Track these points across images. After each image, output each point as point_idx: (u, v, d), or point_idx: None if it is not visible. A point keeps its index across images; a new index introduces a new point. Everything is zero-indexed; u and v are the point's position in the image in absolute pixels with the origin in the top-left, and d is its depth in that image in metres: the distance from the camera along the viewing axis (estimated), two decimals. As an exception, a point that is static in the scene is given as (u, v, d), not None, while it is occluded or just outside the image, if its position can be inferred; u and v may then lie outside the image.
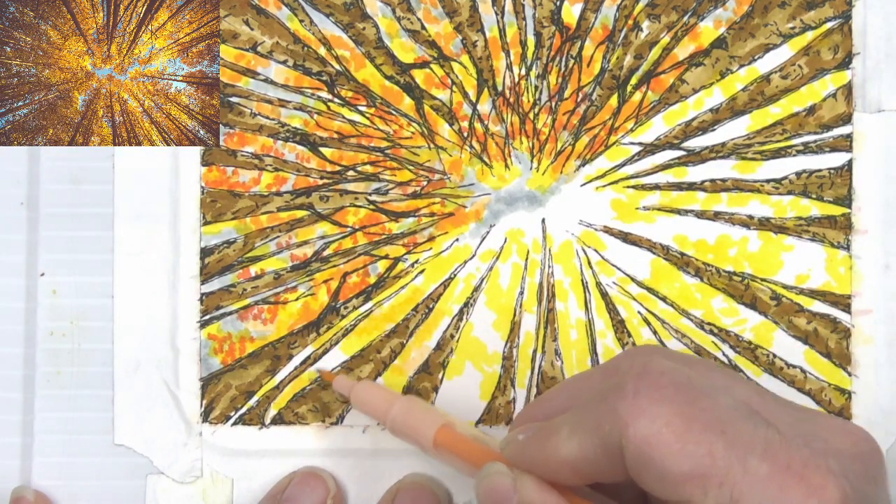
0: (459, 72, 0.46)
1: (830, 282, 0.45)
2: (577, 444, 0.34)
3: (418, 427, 0.40)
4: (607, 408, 0.33)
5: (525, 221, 0.46)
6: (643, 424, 0.32)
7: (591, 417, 0.33)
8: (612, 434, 0.32)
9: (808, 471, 0.31)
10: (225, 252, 0.46)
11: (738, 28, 0.45)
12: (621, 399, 0.32)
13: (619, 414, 0.32)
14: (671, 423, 0.31)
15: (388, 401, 0.42)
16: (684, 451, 0.31)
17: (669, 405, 0.32)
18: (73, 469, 0.45)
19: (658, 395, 0.32)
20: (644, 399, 0.32)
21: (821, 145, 0.45)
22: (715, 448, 0.31)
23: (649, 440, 0.31)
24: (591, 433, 0.33)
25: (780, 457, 0.31)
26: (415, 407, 0.41)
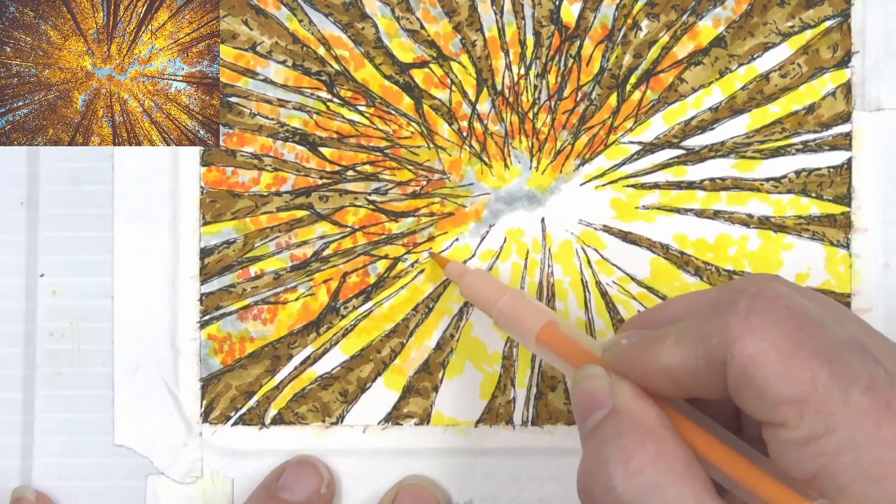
0: (459, 71, 0.46)
1: (830, 280, 0.45)
2: (680, 354, 0.33)
3: (523, 321, 0.40)
4: (717, 321, 0.32)
5: (524, 221, 0.46)
6: (751, 342, 0.31)
7: (699, 329, 0.33)
8: (718, 347, 0.32)
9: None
10: (225, 252, 0.46)
11: (737, 27, 0.46)
12: (733, 315, 0.32)
13: (728, 328, 0.32)
14: (778, 345, 0.31)
15: (497, 292, 0.41)
16: (787, 374, 0.31)
17: (780, 327, 0.32)
18: (73, 469, 0.45)
19: (770, 317, 0.32)
20: (756, 318, 0.32)
21: (820, 144, 0.45)
22: (818, 375, 0.31)
23: (755, 358, 0.31)
24: (697, 344, 0.33)
25: (883, 394, 0.31)
26: (522, 301, 0.41)
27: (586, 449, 0.35)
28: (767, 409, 0.31)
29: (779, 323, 0.32)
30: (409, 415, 0.45)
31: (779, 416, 0.31)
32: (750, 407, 0.32)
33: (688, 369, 0.33)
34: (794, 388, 0.31)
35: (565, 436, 0.45)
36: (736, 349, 0.32)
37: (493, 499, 0.45)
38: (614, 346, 0.36)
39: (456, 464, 0.45)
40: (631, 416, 0.34)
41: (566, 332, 0.39)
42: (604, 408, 0.35)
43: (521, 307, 0.40)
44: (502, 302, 0.41)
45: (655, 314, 0.38)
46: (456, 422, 0.45)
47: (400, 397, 0.45)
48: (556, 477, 0.45)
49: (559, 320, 0.40)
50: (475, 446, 0.45)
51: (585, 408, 0.35)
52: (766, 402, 0.31)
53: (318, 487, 0.44)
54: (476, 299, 0.42)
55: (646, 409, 0.34)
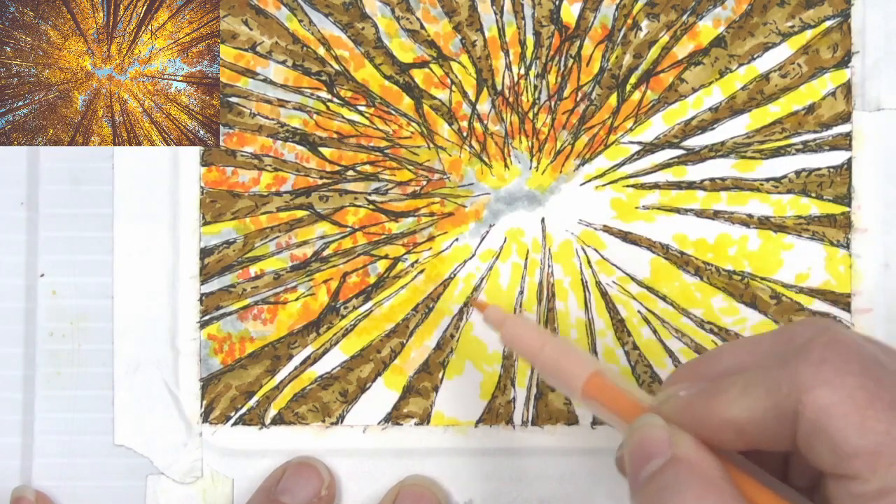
0: (459, 71, 0.46)
1: (830, 280, 0.45)
2: (748, 405, 0.33)
3: (569, 372, 0.38)
4: (788, 371, 0.32)
5: (525, 221, 0.46)
6: (825, 393, 0.31)
7: (768, 379, 0.33)
8: (789, 398, 0.32)
9: None
10: (225, 252, 0.46)
11: (737, 27, 0.46)
12: (805, 364, 0.32)
13: (800, 378, 0.31)
14: (854, 396, 0.31)
15: (541, 340, 0.39)
16: (863, 425, 0.31)
17: (854, 378, 0.31)
18: (73, 469, 0.45)
19: (845, 367, 0.31)
20: (829, 368, 0.31)
21: (820, 144, 0.45)
22: (893, 428, 0.31)
23: (829, 409, 0.31)
24: (766, 395, 0.32)
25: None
26: (567, 350, 0.39)
27: (640, 497, 0.34)
28: (839, 461, 0.31)
29: (853, 373, 0.31)
30: (409, 415, 0.45)
31: (851, 469, 0.31)
32: (820, 459, 0.32)
33: (755, 421, 0.33)
34: (869, 440, 0.31)
35: (565, 436, 0.45)
36: (809, 399, 0.31)
37: (493, 499, 0.45)
38: (672, 398, 0.35)
39: (456, 464, 0.45)
40: (692, 466, 0.33)
41: (614, 383, 0.38)
42: (662, 456, 0.34)
43: (565, 357, 0.39)
44: (546, 351, 0.39)
45: (708, 364, 0.37)
46: (456, 422, 0.45)
47: (400, 397, 0.45)
48: (556, 477, 0.45)
49: (605, 369, 0.38)
50: (475, 446, 0.45)
51: (642, 456, 0.34)
52: (839, 454, 0.31)
53: (318, 490, 0.44)
54: (518, 347, 0.41)
55: (707, 460, 0.34)
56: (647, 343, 0.45)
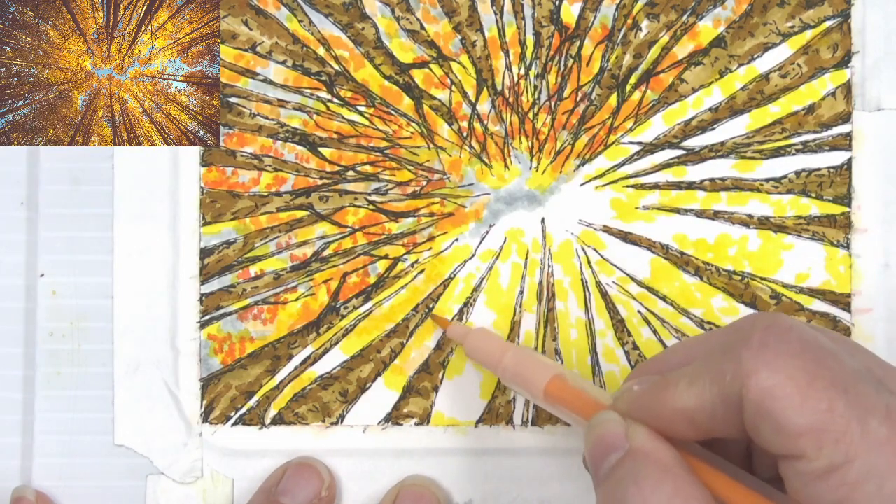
0: (459, 71, 0.46)
1: (830, 280, 0.45)
2: (695, 394, 0.33)
3: (530, 377, 0.40)
4: (731, 358, 0.33)
5: (525, 221, 0.46)
6: (766, 375, 0.32)
7: (712, 367, 0.33)
8: (733, 384, 0.32)
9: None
10: (225, 252, 0.46)
11: (737, 27, 0.46)
12: (746, 349, 0.32)
13: (742, 364, 0.32)
14: (794, 377, 0.31)
15: (501, 350, 0.42)
16: (805, 405, 0.31)
17: (795, 359, 0.32)
18: (73, 469, 0.45)
19: (784, 349, 0.32)
20: (770, 351, 0.32)
21: (820, 144, 0.45)
22: (836, 405, 0.31)
23: (771, 391, 0.31)
24: (711, 383, 0.33)
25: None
26: (527, 357, 0.41)
27: (601, 492, 0.35)
28: (785, 441, 0.31)
29: (793, 355, 0.32)
30: (409, 415, 0.45)
31: (797, 448, 0.31)
32: (767, 441, 0.32)
33: (704, 409, 0.33)
34: (812, 418, 0.31)
35: (565, 436, 0.45)
36: (751, 383, 0.32)
37: (493, 499, 0.45)
38: (626, 393, 0.36)
39: (456, 464, 0.45)
40: (647, 456, 0.34)
41: (574, 385, 0.39)
42: (620, 450, 0.35)
43: (526, 363, 0.41)
44: (507, 359, 0.41)
45: (663, 360, 0.38)
46: (456, 422, 0.45)
47: (400, 397, 0.45)
48: (556, 477, 0.45)
49: (566, 373, 0.40)
50: (475, 446, 0.45)
51: (600, 452, 0.35)
52: (784, 434, 0.31)
53: (318, 491, 0.44)
54: (480, 359, 0.43)
55: (662, 450, 0.34)
56: (647, 343, 0.45)
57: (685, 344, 0.38)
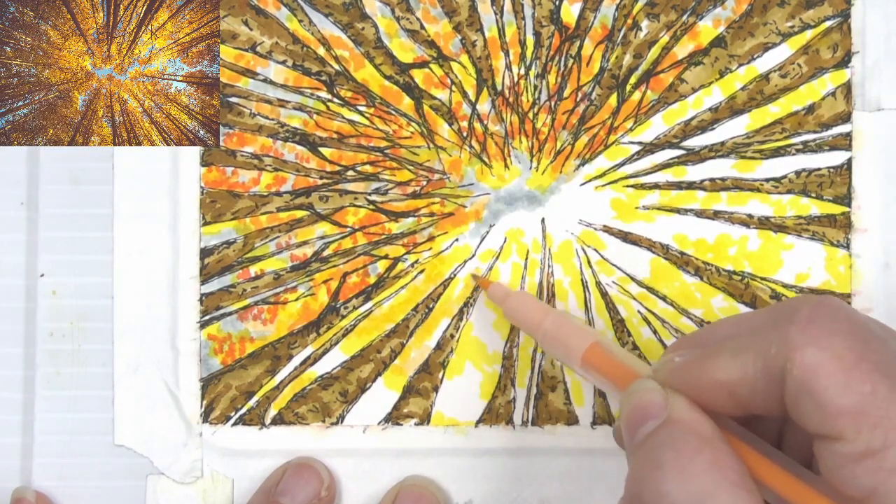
0: (459, 71, 0.46)
1: (830, 280, 0.45)
2: (738, 366, 0.33)
3: (569, 342, 0.40)
4: (777, 332, 0.32)
5: (525, 221, 0.46)
6: (812, 352, 0.31)
7: (757, 340, 0.33)
8: (777, 358, 0.32)
9: None
10: (225, 252, 0.46)
11: (737, 27, 0.46)
12: (794, 325, 0.32)
13: (789, 337, 0.32)
14: (840, 356, 0.31)
15: (542, 313, 0.42)
16: (848, 385, 0.31)
17: (842, 338, 0.31)
18: (73, 470, 0.45)
19: (833, 327, 0.32)
20: (817, 327, 0.32)
21: (820, 144, 0.45)
22: (878, 389, 0.31)
23: (816, 368, 0.31)
24: (755, 356, 0.33)
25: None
26: (567, 322, 0.41)
27: (637, 457, 0.34)
28: (824, 420, 0.31)
29: (841, 334, 0.32)
30: (409, 415, 0.45)
31: (836, 429, 0.31)
32: (806, 419, 0.32)
33: (746, 382, 0.33)
34: (854, 399, 0.31)
35: (565, 436, 0.45)
36: (796, 358, 0.31)
37: (493, 499, 0.45)
38: (667, 364, 0.36)
39: (456, 464, 0.45)
40: (686, 425, 0.34)
41: (613, 353, 0.39)
42: (657, 418, 0.34)
43: (565, 329, 0.41)
44: (547, 323, 0.41)
45: (705, 334, 0.37)
46: (456, 422, 0.45)
47: (400, 397, 0.45)
48: (556, 477, 0.45)
49: (604, 341, 0.40)
50: (475, 446, 0.45)
51: (637, 418, 0.35)
52: (824, 413, 0.31)
53: (318, 491, 0.44)
54: (520, 321, 0.43)
55: (701, 421, 0.34)
56: (647, 343, 0.45)
57: (728, 320, 0.37)
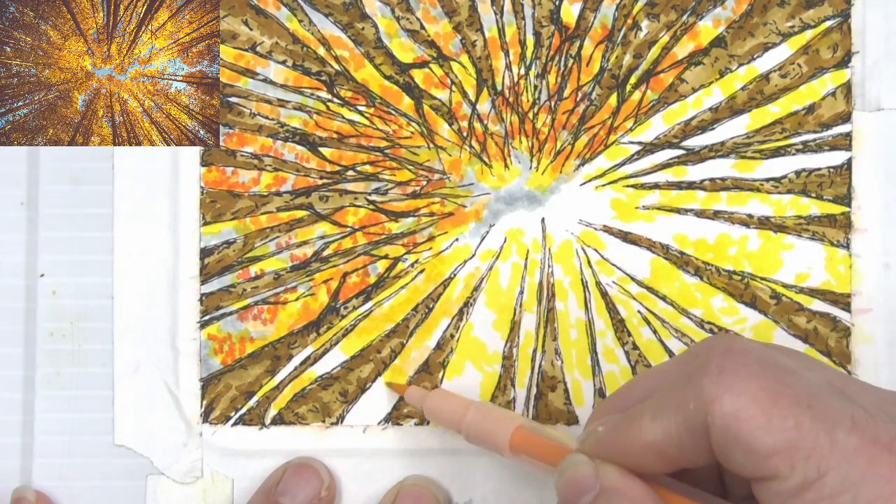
0: (459, 71, 0.46)
1: (830, 280, 0.45)
2: (661, 427, 0.33)
3: (493, 433, 0.40)
4: (692, 386, 0.32)
5: (525, 221, 0.46)
6: (729, 400, 0.32)
7: (674, 398, 0.33)
8: (697, 412, 0.32)
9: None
10: (225, 252, 0.46)
11: (737, 27, 0.46)
12: (705, 376, 0.32)
13: (704, 391, 0.32)
14: (757, 398, 0.31)
15: (463, 408, 0.42)
16: (771, 424, 0.31)
17: (755, 380, 0.32)
18: (73, 470, 0.45)
19: (744, 371, 0.32)
20: (730, 375, 0.32)
21: (820, 144, 0.45)
22: (802, 422, 0.31)
23: (736, 415, 0.31)
24: (675, 413, 0.33)
25: (868, 431, 0.31)
26: (487, 412, 0.41)
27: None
28: (756, 463, 0.31)
29: (753, 376, 0.32)
30: (409, 415, 0.45)
31: (769, 469, 0.31)
32: (738, 465, 0.32)
33: (670, 440, 0.33)
34: (781, 436, 0.31)
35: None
36: (715, 409, 0.32)
37: (493, 499, 0.45)
38: (592, 435, 0.36)
39: (456, 464, 0.45)
40: (621, 493, 0.34)
41: (538, 433, 0.40)
42: (591, 490, 0.35)
43: (488, 419, 0.41)
44: (468, 418, 0.41)
45: (622, 397, 0.38)
46: (456, 422, 0.45)
47: (400, 397, 0.45)
48: (556, 477, 0.45)
49: (527, 423, 0.40)
50: (475, 446, 0.45)
51: (572, 494, 0.35)
52: (754, 456, 0.31)
53: (318, 491, 0.44)
54: (442, 419, 0.43)
55: (634, 486, 0.35)
56: (647, 343, 0.45)
57: (643, 377, 0.38)
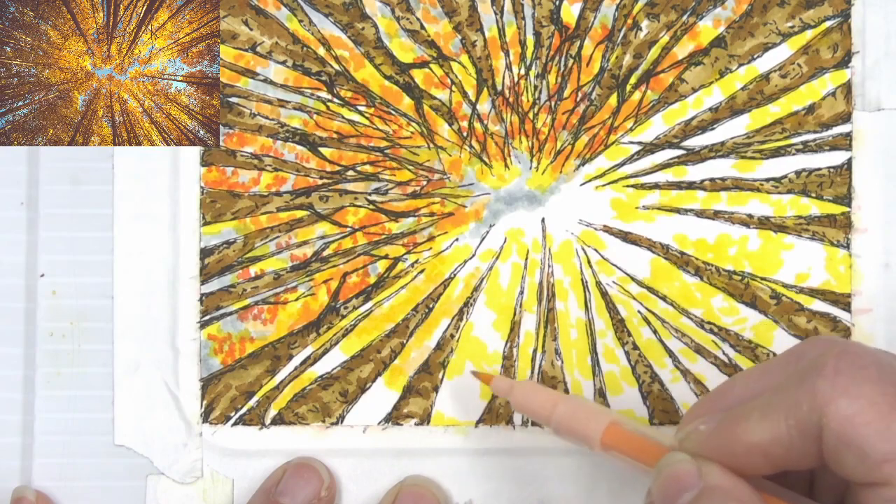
0: (459, 71, 0.46)
1: (830, 280, 0.45)
2: (769, 427, 0.33)
3: (584, 428, 0.39)
4: (805, 388, 0.32)
5: (525, 221, 0.46)
6: (846, 403, 0.31)
7: (785, 399, 0.33)
8: (810, 414, 0.32)
9: None
10: (225, 252, 0.46)
11: (737, 27, 0.46)
12: (822, 378, 0.32)
13: (819, 393, 0.32)
14: (875, 403, 0.31)
15: (552, 402, 0.40)
16: (889, 430, 0.31)
17: (873, 385, 0.32)
18: (73, 470, 0.45)
19: (861, 375, 0.32)
20: (846, 378, 0.32)
21: (820, 144, 0.45)
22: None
23: (852, 419, 0.31)
24: (786, 414, 0.33)
25: None
26: (579, 407, 0.40)
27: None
28: (870, 468, 0.31)
29: (870, 380, 0.32)
30: (409, 415, 0.45)
31: (882, 475, 0.31)
32: (850, 470, 0.32)
33: (780, 441, 0.33)
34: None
35: (565, 436, 0.45)
36: (831, 411, 0.31)
37: (493, 499, 0.45)
38: (693, 434, 0.36)
39: (456, 464, 0.45)
40: (725, 492, 0.34)
41: (632, 430, 0.39)
42: (693, 488, 0.34)
43: (578, 414, 0.40)
44: (559, 412, 0.40)
45: (722, 396, 0.37)
46: (456, 422, 0.45)
47: (400, 397, 0.45)
48: (556, 477, 0.45)
49: (621, 420, 0.39)
50: (475, 446, 0.45)
51: (673, 491, 0.35)
52: (869, 461, 0.31)
53: (318, 491, 0.44)
54: (529, 412, 0.41)
55: (738, 486, 0.34)
56: (647, 343, 0.45)
57: (744, 378, 0.37)
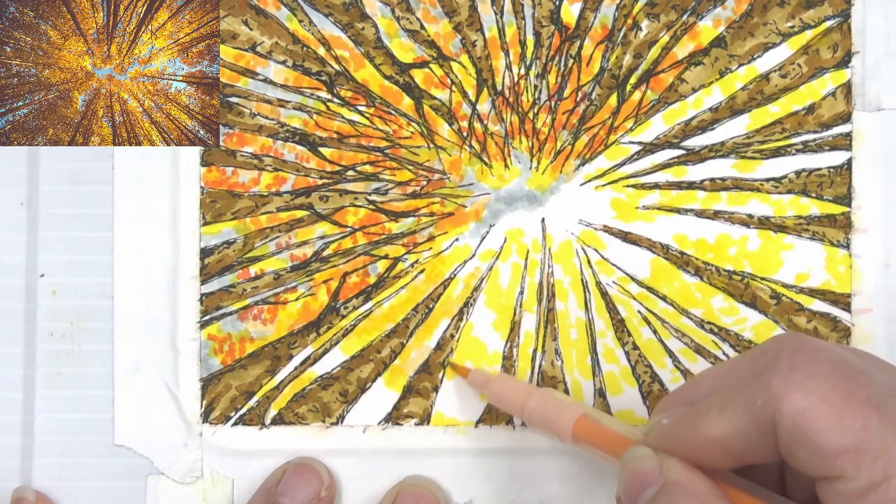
0: (459, 71, 0.46)
1: (830, 280, 0.45)
2: (727, 422, 0.33)
3: (555, 420, 0.40)
4: (760, 383, 0.32)
5: (525, 221, 0.46)
6: (798, 398, 0.32)
7: (742, 394, 0.33)
8: (765, 409, 0.32)
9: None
10: (225, 252, 0.46)
11: (737, 27, 0.46)
12: (776, 373, 0.32)
13: (773, 388, 0.32)
14: (827, 397, 0.31)
15: (525, 394, 0.42)
16: (840, 424, 0.31)
17: (826, 379, 0.32)
18: (73, 470, 0.45)
19: (815, 370, 0.32)
20: (800, 373, 0.32)
21: (820, 144, 0.45)
22: (871, 423, 0.31)
23: (805, 413, 0.31)
24: (743, 409, 0.33)
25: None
26: (551, 399, 0.41)
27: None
28: (823, 462, 0.31)
29: (824, 375, 0.32)
30: (409, 415, 0.45)
31: (836, 469, 0.31)
32: (804, 463, 0.32)
33: (737, 436, 0.33)
34: (849, 437, 0.31)
35: (565, 436, 0.45)
36: (784, 407, 0.32)
37: (493, 499, 0.45)
38: (656, 427, 0.36)
39: (456, 464, 0.45)
40: (684, 488, 0.34)
41: (601, 423, 0.39)
42: (655, 484, 0.35)
43: (550, 406, 0.41)
44: (531, 403, 0.41)
45: (689, 390, 0.37)
46: (456, 422, 0.45)
47: (400, 397, 0.45)
48: (556, 477, 0.45)
49: (591, 412, 0.40)
50: (475, 446, 0.45)
51: (636, 487, 0.35)
52: (822, 455, 0.31)
53: (317, 491, 0.44)
54: (503, 405, 0.43)
55: (698, 481, 0.34)
56: (647, 343, 0.45)
57: (710, 373, 0.38)
